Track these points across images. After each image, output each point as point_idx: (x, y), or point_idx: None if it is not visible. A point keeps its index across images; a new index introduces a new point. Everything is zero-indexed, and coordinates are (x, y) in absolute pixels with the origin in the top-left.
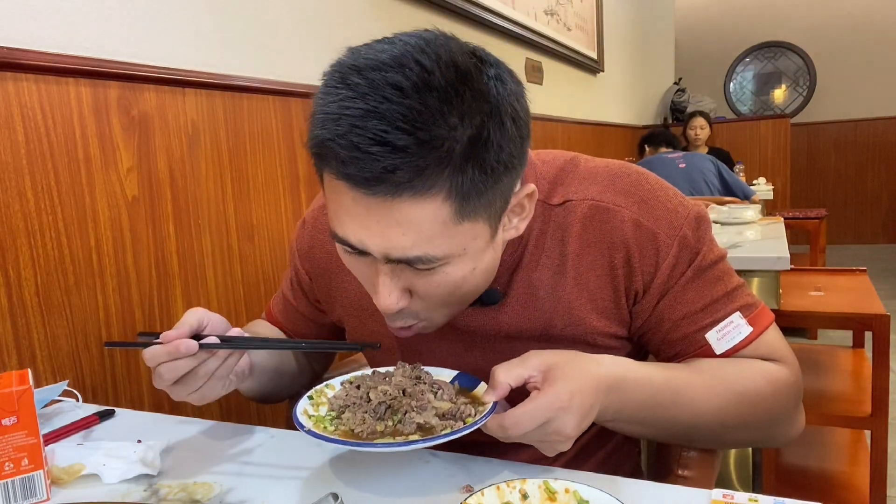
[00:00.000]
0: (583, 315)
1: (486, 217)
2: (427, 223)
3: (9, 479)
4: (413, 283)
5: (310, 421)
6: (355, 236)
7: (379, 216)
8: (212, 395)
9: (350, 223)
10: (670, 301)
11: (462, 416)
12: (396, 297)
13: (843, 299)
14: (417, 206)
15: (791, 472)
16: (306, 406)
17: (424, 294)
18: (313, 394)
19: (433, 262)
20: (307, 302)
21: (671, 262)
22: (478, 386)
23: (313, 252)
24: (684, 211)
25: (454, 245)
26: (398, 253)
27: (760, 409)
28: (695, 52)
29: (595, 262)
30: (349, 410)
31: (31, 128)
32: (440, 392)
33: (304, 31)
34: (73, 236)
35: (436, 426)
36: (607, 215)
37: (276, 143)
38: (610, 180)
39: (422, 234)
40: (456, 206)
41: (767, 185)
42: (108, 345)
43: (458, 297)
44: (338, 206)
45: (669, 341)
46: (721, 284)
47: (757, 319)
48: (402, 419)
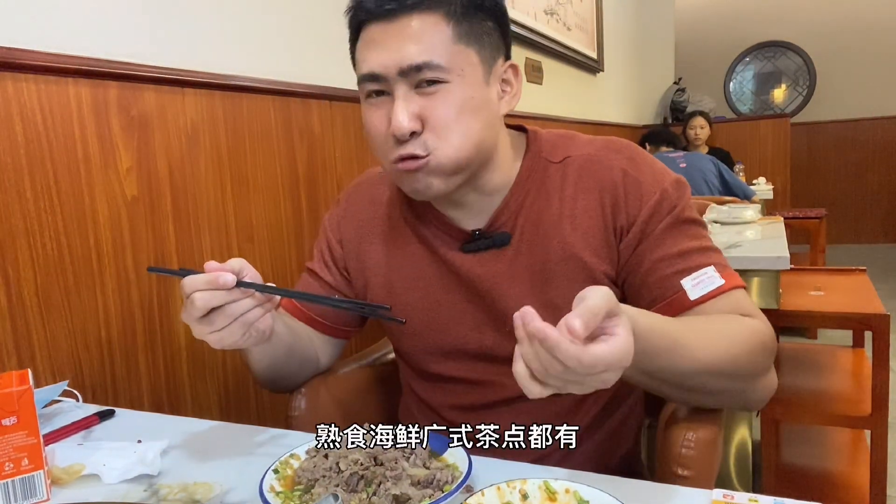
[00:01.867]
0: (577, 252)
1: (476, 51)
2: (431, 34)
3: (9, 479)
4: (423, 108)
5: (278, 499)
6: (376, 61)
7: (395, 35)
8: (230, 340)
9: (373, 53)
10: (649, 244)
11: (439, 483)
12: (409, 117)
13: (842, 299)
14: (423, 21)
15: (791, 472)
16: (272, 482)
17: (432, 116)
18: (278, 466)
19: (437, 70)
20: (336, 271)
21: (652, 206)
22: (447, 450)
23: (345, 222)
24: (667, 174)
25: (453, 61)
26: (409, 60)
27: (744, 359)
28: (695, 51)
29: (588, 205)
30: (319, 484)
31: (30, 128)
32: (413, 457)
33: (303, 31)
34: (72, 236)
35: (413, 497)
36: (600, 165)
37: (276, 143)
38: (605, 143)
39: (428, 43)
40: (453, 26)
41: (767, 184)
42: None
43: (462, 127)
44: (367, 47)
45: (647, 284)
46: (697, 241)
47: (730, 276)
48: (377, 490)
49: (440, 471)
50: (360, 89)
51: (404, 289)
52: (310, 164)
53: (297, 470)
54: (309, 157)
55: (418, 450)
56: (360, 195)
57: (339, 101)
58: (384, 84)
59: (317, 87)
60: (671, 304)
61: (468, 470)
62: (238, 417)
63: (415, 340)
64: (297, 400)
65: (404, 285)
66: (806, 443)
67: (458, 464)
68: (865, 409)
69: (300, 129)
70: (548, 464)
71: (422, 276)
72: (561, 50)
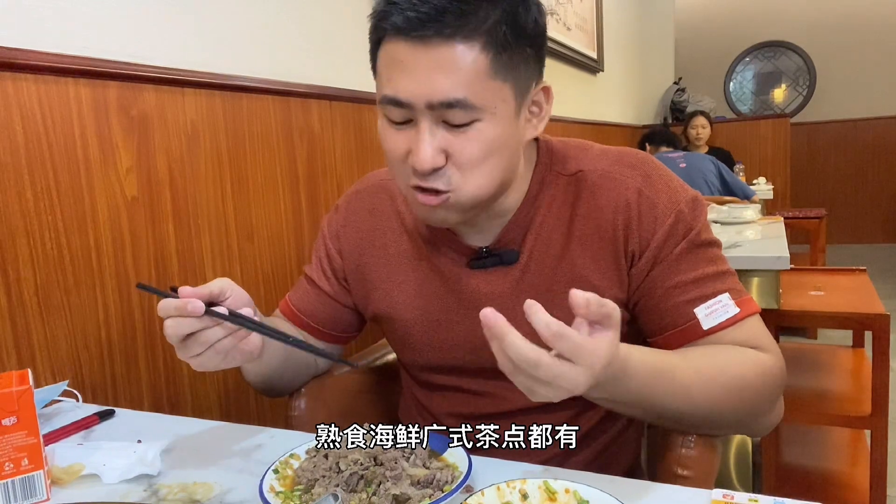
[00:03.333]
0: (585, 273)
1: (512, 84)
2: (466, 68)
3: (9, 479)
4: (449, 144)
5: (277, 499)
6: (403, 88)
7: (426, 62)
8: (210, 366)
9: (399, 77)
10: (663, 269)
11: (439, 483)
12: (433, 153)
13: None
14: (460, 52)
15: (791, 472)
16: (272, 482)
17: (458, 154)
18: (278, 466)
19: (469, 109)
20: (335, 281)
21: (667, 230)
22: (447, 450)
23: (345, 231)
24: (683, 192)
25: (487, 98)
26: (440, 96)
27: (748, 396)
28: (695, 51)
29: (600, 225)
30: (319, 484)
31: (30, 128)
32: (413, 457)
33: (303, 31)
34: (72, 236)
35: (413, 497)
36: (614, 183)
37: (276, 143)
38: (619, 157)
39: (462, 78)
40: (490, 59)
41: (767, 184)
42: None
43: (487, 167)
44: (390, 65)
45: (660, 310)
46: (713, 265)
47: (744, 304)
48: (377, 490)
49: (440, 471)
50: (379, 106)
51: (405, 305)
52: (310, 164)
53: (297, 470)
54: (309, 157)
55: (418, 450)
56: (360, 204)
57: (339, 101)
58: (408, 112)
59: (317, 87)
60: (684, 332)
61: (468, 470)
62: (238, 417)
63: (415, 355)
64: (296, 400)
65: (406, 301)
66: (806, 443)
67: (458, 464)
68: (865, 409)
69: (300, 129)
70: None
71: (424, 293)
72: (561, 50)
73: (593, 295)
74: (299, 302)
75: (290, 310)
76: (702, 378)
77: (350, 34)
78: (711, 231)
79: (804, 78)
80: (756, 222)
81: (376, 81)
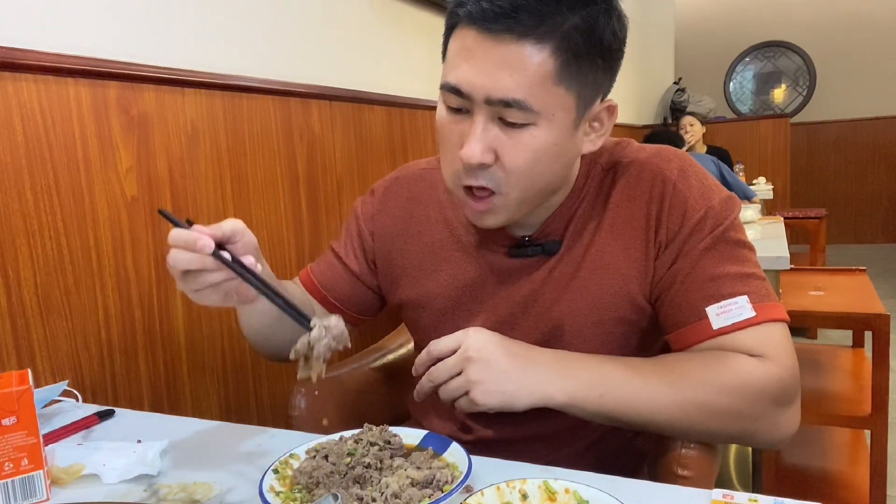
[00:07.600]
0: (613, 261)
1: (576, 94)
2: (532, 69)
3: (9, 479)
4: (500, 144)
5: (278, 499)
6: (465, 78)
7: (493, 57)
8: (207, 301)
9: (464, 66)
10: (685, 263)
11: (439, 483)
12: (482, 149)
13: (842, 299)
14: (529, 52)
15: (791, 472)
16: (272, 482)
17: (507, 157)
18: (278, 466)
19: (526, 111)
20: (363, 261)
21: (694, 223)
22: (448, 448)
23: (380, 216)
24: (718, 190)
25: (547, 103)
26: (500, 93)
27: (725, 409)
28: (695, 51)
29: (632, 215)
30: (319, 484)
31: (30, 128)
32: (413, 457)
33: (303, 31)
34: (72, 236)
35: (413, 497)
36: (650, 174)
37: (276, 143)
38: (656, 150)
39: (525, 79)
40: (559, 64)
41: (767, 184)
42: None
43: (535, 173)
44: (458, 53)
45: (675, 305)
46: (738, 266)
47: (764, 309)
48: (377, 490)
49: (440, 471)
50: (441, 91)
51: (436, 294)
52: (310, 164)
53: (297, 470)
54: (309, 156)
55: (417, 450)
56: (398, 190)
57: (339, 101)
58: (466, 101)
59: (317, 87)
60: (693, 330)
61: (468, 470)
62: (238, 417)
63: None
64: (297, 400)
65: (436, 290)
66: (806, 443)
67: (458, 464)
68: (865, 409)
69: (300, 129)
70: None
71: (456, 283)
72: None
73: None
74: (321, 275)
75: (311, 281)
76: (668, 391)
77: (351, 33)
78: (745, 233)
79: (804, 78)
80: (756, 222)
81: (443, 65)
